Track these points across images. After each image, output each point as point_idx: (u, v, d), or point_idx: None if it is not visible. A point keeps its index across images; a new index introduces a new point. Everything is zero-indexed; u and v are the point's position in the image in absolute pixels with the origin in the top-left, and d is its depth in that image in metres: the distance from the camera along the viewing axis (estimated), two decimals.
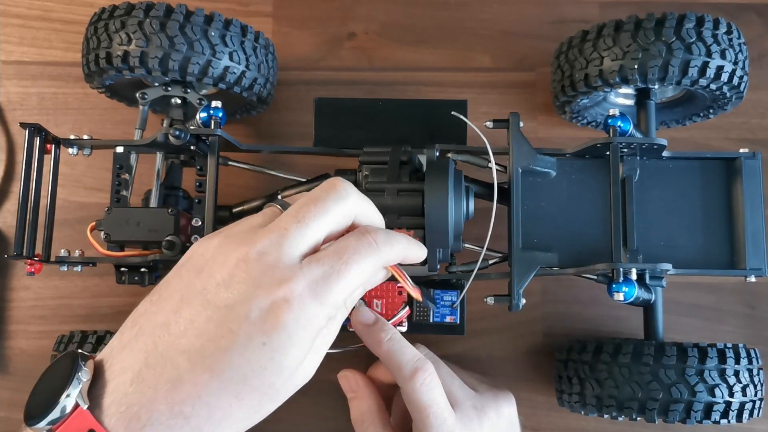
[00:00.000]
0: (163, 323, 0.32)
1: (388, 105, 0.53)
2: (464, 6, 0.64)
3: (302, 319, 0.32)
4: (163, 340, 0.32)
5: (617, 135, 0.49)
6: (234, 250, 0.33)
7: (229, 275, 0.32)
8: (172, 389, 0.31)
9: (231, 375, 0.32)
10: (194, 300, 0.32)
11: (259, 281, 0.32)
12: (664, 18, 0.49)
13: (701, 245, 0.50)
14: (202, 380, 0.31)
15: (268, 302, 0.32)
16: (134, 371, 0.31)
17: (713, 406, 0.46)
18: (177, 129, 0.47)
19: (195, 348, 0.31)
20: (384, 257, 0.36)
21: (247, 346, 0.32)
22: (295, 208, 0.35)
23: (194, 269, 0.34)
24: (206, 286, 0.33)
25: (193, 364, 0.31)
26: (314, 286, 0.33)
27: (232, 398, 0.32)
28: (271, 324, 0.32)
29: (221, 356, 0.31)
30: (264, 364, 0.32)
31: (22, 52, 0.63)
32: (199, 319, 0.32)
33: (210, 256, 0.34)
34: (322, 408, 0.58)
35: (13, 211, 0.57)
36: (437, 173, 0.45)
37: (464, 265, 0.49)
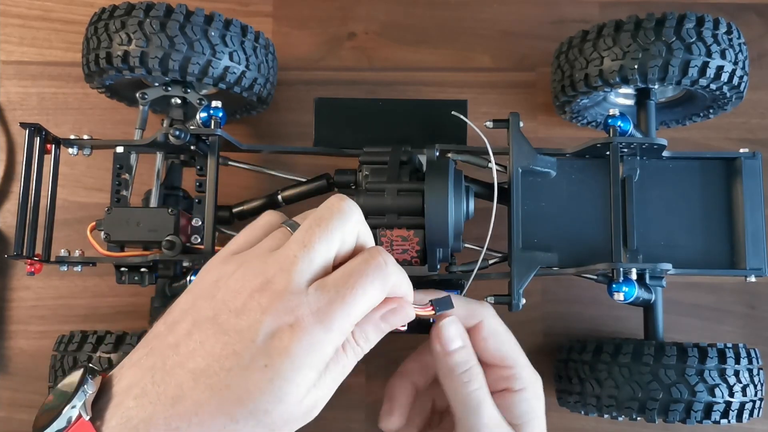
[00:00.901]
0: (173, 344, 0.33)
1: (388, 105, 0.53)
2: (464, 6, 0.64)
3: (305, 344, 0.33)
4: (172, 360, 0.33)
5: (617, 135, 0.49)
6: (248, 281, 0.34)
7: (243, 305, 0.33)
8: (172, 406, 0.32)
9: (228, 394, 0.32)
10: (206, 324, 0.33)
11: (267, 308, 0.33)
12: (664, 18, 0.49)
13: (701, 245, 0.50)
14: (202, 399, 0.32)
15: (275, 327, 0.33)
16: (140, 387, 0.33)
17: (713, 406, 0.46)
18: (177, 129, 0.47)
19: (200, 368, 0.32)
20: (391, 281, 0.36)
21: (249, 366, 0.32)
22: (301, 232, 0.35)
23: (209, 295, 0.35)
24: (219, 313, 0.33)
25: (196, 383, 0.32)
26: (318, 313, 0.33)
27: (226, 419, 0.32)
28: (275, 348, 0.32)
29: (223, 375, 0.32)
30: (262, 387, 0.32)
31: (22, 52, 0.63)
32: (208, 341, 0.33)
33: (224, 285, 0.34)
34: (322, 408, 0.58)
35: (13, 211, 0.57)
36: (437, 173, 0.45)
37: (464, 265, 0.49)
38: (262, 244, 0.36)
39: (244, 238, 0.38)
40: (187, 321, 0.34)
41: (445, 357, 0.43)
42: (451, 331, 0.43)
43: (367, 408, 0.59)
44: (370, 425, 0.58)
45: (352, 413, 0.59)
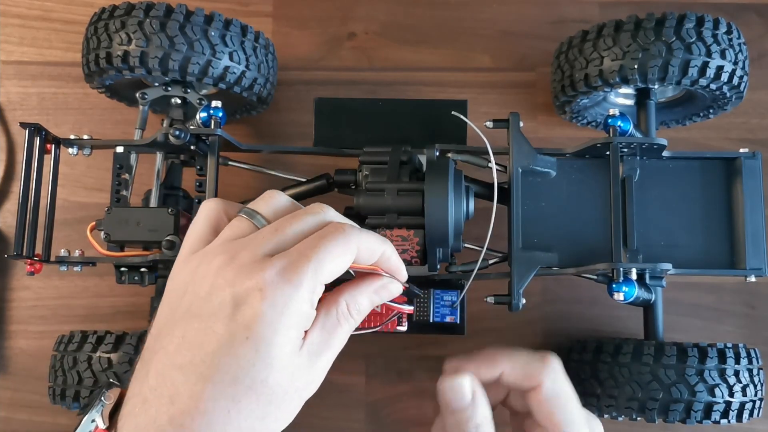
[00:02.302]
0: (160, 347, 0.34)
1: (388, 105, 0.53)
2: (464, 6, 0.64)
3: (279, 304, 0.33)
4: (162, 362, 0.33)
5: (617, 135, 0.49)
6: (212, 264, 0.34)
7: (211, 285, 0.34)
8: (171, 404, 0.32)
9: (222, 377, 0.32)
10: (183, 318, 0.34)
11: (233, 281, 0.33)
12: (664, 18, 0.49)
13: (701, 245, 0.50)
14: (197, 390, 0.32)
15: (243, 296, 0.33)
16: (141, 396, 0.33)
17: (713, 406, 0.46)
18: (177, 129, 0.47)
19: (188, 360, 0.33)
20: (355, 242, 0.36)
21: (232, 343, 0.32)
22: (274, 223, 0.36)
23: (180, 294, 0.35)
24: (191, 304, 0.34)
25: (187, 376, 0.32)
26: (283, 272, 0.33)
27: (228, 402, 0.32)
28: (250, 315, 0.32)
29: (210, 360, 0.32)
30: (251, 359, 0.32)
31: (22, 52, 0.63)
32: (189, 333, 0.33)
33: (191, 278, 0.35)
34: (322, 408, 0.58)
35: (13, 211, 0.57)
36: (437, 173, 0.45)
37: (464, 265, 0.49)
38: (223, 234, 0.37)
39: (193, 235, 0.38)
40: (168, 324, 0.35)
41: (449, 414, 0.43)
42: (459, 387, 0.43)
43: (367, 408, 0.59)
44: (370, 425, 0.58)
45: (352, 413, 0.59)
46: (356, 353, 0.59)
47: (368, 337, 0.59)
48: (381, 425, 0.58)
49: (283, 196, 0.39)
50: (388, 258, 0.38)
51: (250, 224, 0.37)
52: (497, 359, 0.45)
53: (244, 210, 0.37)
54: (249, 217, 0.37)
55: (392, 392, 0.59)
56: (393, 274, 0.38)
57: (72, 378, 0.48)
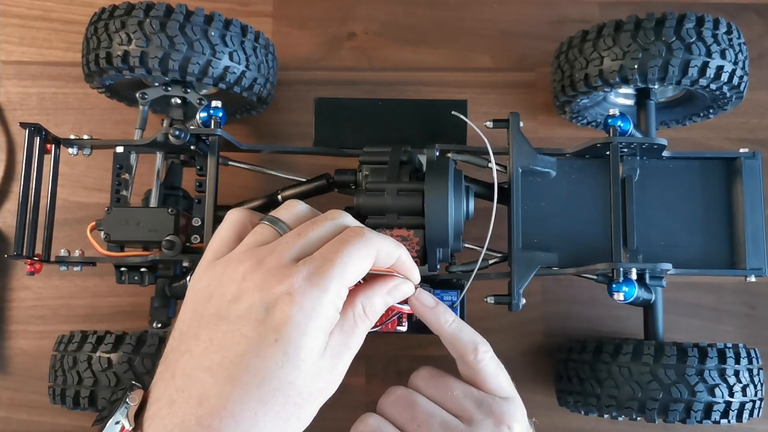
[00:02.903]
0: (186, 350, 0.34)
1: (388, 105, 0.53)
2: (464, 6, 0.64)
3: (307, 308, 0.33)
4: (189, 364, 0.34)
5: (617, 135, 0.49)
6: (238, 269, 0.35)
7: (238, 289, 0.34)
8: (198, 405, 0.32)
9: (250, 379, 0.33)
10: (210, 322, 0.34)
11: (261, 285, 0.34)
12: (664, 18, 0.49)
13: (701, 245, 0.50)
14: (225, 391, 0.32)
15: (273, 300, 0.33)
16: (167, 397, 0.34)
17: (713, 406, 0.46)
18: (177, 129, 0.47)
19: (215, 363, 0.33)
20: (375, 246, 0.37)
21: (261, 346, 0.33)
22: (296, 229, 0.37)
23: (205, 298, 0.36)
24: (219, 307, 0.35)
25: (215, 378, 0.33)
26: (311, 276, 0.34)
27: (255, 404, 0.33)
28: (279, 318, 0.33)
29: (239, 362, 0.33)
30: (279, 361, 0.33)
31: (22, 52, 0.63)
32: (216, 336, 0.34)
33: (217, 282, 0.36)
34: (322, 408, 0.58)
35: (13, 211, 0.57)
36: (437, 173, 0.45)
37: (464, 265, 0.49)
38: (246, 241, 0.37)
39: (218, 242, 0.39)
40: (193, 327, 0.35)
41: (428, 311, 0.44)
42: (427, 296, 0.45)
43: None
44: None
45: (352, 413, 0.59)
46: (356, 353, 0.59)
47: (368, 337, 0.59)
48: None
49: (302, 204, 0.40)
50: (403, 262, 0.39)
51: (273, 231, 0.37)
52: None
53: (266, 217, 0.38)
54: (271, 224, 0.38)
55: None
56: (407, 275, 0.40)
57: (72, 378, 0.48)
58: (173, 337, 0.36)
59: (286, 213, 0.39)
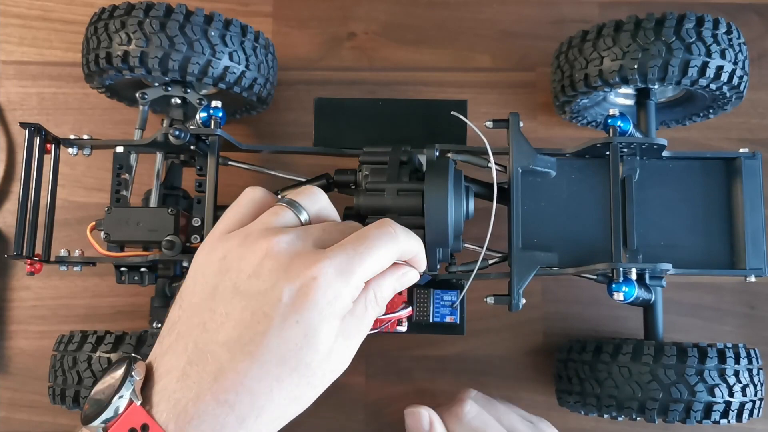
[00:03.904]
0: (199, 323, 0.34)
1: (388, 105, 0.53)
2: (464, 6, 0.64)
3: (329, 295, 0.34)
4: (203, 338, 0.34)
5: (617, 135, 0.49)
6: (259, 245, 0.35)
7: (259, 265, 0.34)
8: (215, 380, 0.33)
9: (269, 357, 0.33)
10: (227, 295, 0.34)
11: (288, 266, 0.34)
12: (663, 18, 0.49)
13: (701, 245, 0.50)
14: (243, 367, 0.33)
15: (299, 283, 0.34)
16: (179, 370, 0.33)
17: (713, 406, 0.46)
18: (177, 129, 0.47)
19: (233, 338, 0.33)
20: (402, 246, 0.38)
21: (282, 326, 0.33)
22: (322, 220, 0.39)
23: (219, 270, 0.35)
24: (237, 281, 0.34)
25: (233, 354, 0.33)
26: (339, 267, 0.34)
27: (272, 381, 0.33)
28: (302, 301, 0.33)
29: (259, 340, 0.33)
30: (299, 343, 0.33)
31: (22, 52, 0.63)
32: (234, 311, 0.34)
33: (235, 255, 0.35)
34: (322, 408, 0.58)
35: (13, 211, 0.57)
36: (437, 173, 0.45)
37: (464, 265, 0.49)
38: (263, 218, 0.37)
39: (233, 216, 0.38)
40: (206, 298, 0.35)
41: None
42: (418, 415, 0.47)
43: (366, 408, 0.59)
44: (370, 425, 0.58)
45: (351, 413, 0.59)
46: (356, 353, 0.59)
47: (368, 337, 0.59)
48: (381, 425, 0.58)
49: (321, 193, 0.40)
50: (420, 258, 0.40)
51: (292, 214, 0.38)
52: None
53: (285, 200, 0.38)
54: (290, 206, 0.38)
55: (392, 392, 0.59)
56: (418, 267, 0.40)
57: (72, 378, 0.48)
58: (180, 306, 0.36)
59: (306, 198, 0.39)
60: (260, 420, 0.33)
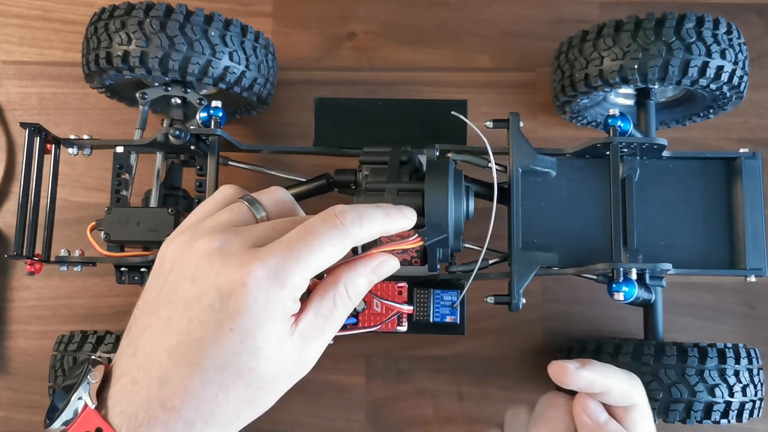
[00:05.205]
0: (147, 326, 0.34)
1: (388, 105, 0.53)
2: (464, 6, 0.64)
3: (261, 301, 0.32)
4: (149, 343, 0.33)
5: (617, 135, 0.49)
6: (199, 245, 0.34)
7: (195, 268, 0.33)
8: (161, 386, 0.32)
9: (209, 365, 0.32)
10: (169, 299, 0.34)
11: (219, 270, 0.33)
12: (664, 18, 0.49)
13: (701, 245, 0.50)
14: (185, 374, 0.32)
15: (229, 289, 0.32)
16: (129, 375, 0.33)
17: (713, 406, 0.46)
18: (177, 129, 0.47)
19: (173, 345, 0.33)
20: (353, 238, 0.34)
21: (218, 333, 0.32)
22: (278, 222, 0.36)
23: (166, 270, 0.35)
24: (177, 284, 0.34)
25: (174, 361, 0.32)
26: (272, 268, 0.32)
27: (216, 388, 0.32)
28: (234, 309, 0.32)
29: (197, 348, 0.32)
30: (237, 350, 0.32)
31: (22, 52, 0.63)
32: (174, 316, 0.33)
33: (178, 255, 0.34)
34: (322, 408, 0.58)
35: (13, 211, 0.57)
36: (437, 173, 0.45)
37: (464, 265, 0.49)
38: (218, 215, 0.36)
39: (200, 211, 0.37)
40: (154, 299, 0.34)
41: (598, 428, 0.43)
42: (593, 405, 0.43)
43: (367, 408, 0.59)
44: (370, 425, 0.58)
45: (352, 413, 0.59)
46: (356, 353, 0.59)
47: (368, 337, 0.59)
48: (381, 425, 0.58)
49: (286, 193, 0.39)
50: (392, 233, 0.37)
51: (249, 212, 0.36)
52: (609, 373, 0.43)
53: (245, 197, 0.37)
54: (249, 204, 0.37)
55: (392, 392, 0.59)
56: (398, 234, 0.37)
57: None
58: (138, 306, 0.35)
59: (267, 197, 0.38)
60: (211, 424, 0.33)
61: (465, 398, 0.58)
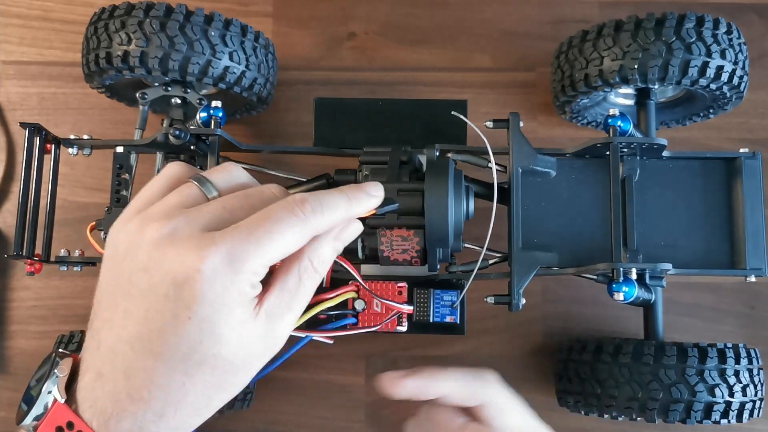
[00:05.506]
0: (107, 319, 0.33)
1: (388, 105, 0.53)
2: (464, 6, 0.64)
3: (218, 287, 0.31)
4: (111, 336, 0.33)
5: (617, 135, 0.49)
6: (148, 231, 0.33)
7: (147, 257, 0.32)
8: (126, 379, 0.32)
9: (172, 354, 0.32)
10: (125, 290, 0.33)
11: (172, 258, 0.32)
12: (664, 18, 0.49)
13: (701, 245, 0.50)
14: (150, 365, 0.32)
15: (183, 276, 0.31)
16: (95, 369, 0.33)
17: (713, 406, 0.46)
18: (177, 129, 0.47)
19: (134, 336, 0.32)
20: (314, 227, 0.34)
21: (176, 323, 0.31)
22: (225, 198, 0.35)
23: (121, 258, 0.33)
24: (131, 274, 0.33)
25: (137, 353, 0.32)
26: (229, 253, 0.31)
27: (182, 376, 0.32)
28: (189, 296, 0.31)
29: (158, 338, 0.32)
30: (197, 337, 0.32)
31: (22, 52, 0.63)
32: (132, 307, 0.32)
33: (129, 243, 0.33)
34: (322, 408, 0.58)
35: (13, 211, 0.57)
36: (437, 173, 0.45)
37: (464, 265, 0.49)
38: (167, 198, 0.35)
39: (148, 192, 0.36)
40: (111, 290, 0.34)
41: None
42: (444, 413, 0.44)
43: (367, 408, 0.59)
44: (370, 425, 0.58)
45: (352, 413, 0.59)
46: (356, 353, 0.59)
47: (368, 337, 0.59)
48: (381, 425, 0.58)
49: (240, 170, 0.37)
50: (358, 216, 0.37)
51: (200, 193, 0.35)
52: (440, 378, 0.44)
53: (195, 176, 0.35)
54: (199, 184, 0.35)
55: None
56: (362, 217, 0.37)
57: None
58: (96, 298, 0.35)
59: (219, 176, 0.36)
60: (181, 412, 0.33)
61: None
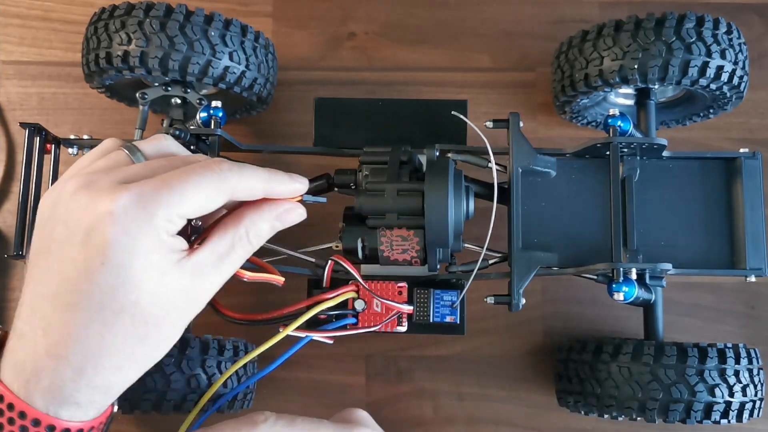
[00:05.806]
0: (31, 278, 0.34)
1: (388, 105, 0.53)
2: (464, 6, 0.64)
3: (132, 230, 0.31)
4: (33, 294, 0.33)
5: (617, 135, 0.49)
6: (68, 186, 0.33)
7: (66, 211, 0.33)
8: (44, 336, 0.32)
9: (88, 304, 0.32)
10: (46, 245, 0.33)
11: (86, 205, 0.32)
12: (664, 18, 0.49)
13: (701, 245, 0.50)
14: (66, 318, 0.32)
15: (94, 220, 0.32)
16: (18, 331, 0.33)
17: (713, 406, 0.46)
18: (177, 129, 0.47)
19: (52, 291, 0.32)
20: (231, 185, 0.34)
21: (89, 269, 0.32)
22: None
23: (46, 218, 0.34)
24: (52, 230, 0.33)
25: (54, 307, 0.32)
26: (141, 197, 0.32)
27: (100, 327, 0.32)
28: (101, 240, 0.31)
29: (73, 288, 0.32)
30: (112, 284, 0.32)
31: (22, 52, 0.63)
32: (50, 262, 0.33)
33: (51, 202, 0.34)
34: (322, 408, 0.58)
35: (13, 211, 0.57)
36: (437, 173, 0.45)
37: (464, 265, 0.49)
38: (96, 163, 0.35)
39: (80, 163, 0.37)
40: (35, 251, 0.34)
41: None
42: None
43: (367, 408, 0.58)
44: None
45: None
46: (356, 353, 0.59)
47: (368, 337, 0.59)
48: (381, 425, 0.58)
49: (171, 140, 0.38)
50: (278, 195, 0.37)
51: (128, 159, 0.36)
52: None
53: (126, 144, 0.36)
54: (129, 151, 0.36)
55: (392, 392, 0.59)
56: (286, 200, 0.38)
57: None
58: (26, 266, 0.35)
59: (149, 145, 0.37)
60: (101, 367, 0.32)
61: (465, 398, 0.58)
